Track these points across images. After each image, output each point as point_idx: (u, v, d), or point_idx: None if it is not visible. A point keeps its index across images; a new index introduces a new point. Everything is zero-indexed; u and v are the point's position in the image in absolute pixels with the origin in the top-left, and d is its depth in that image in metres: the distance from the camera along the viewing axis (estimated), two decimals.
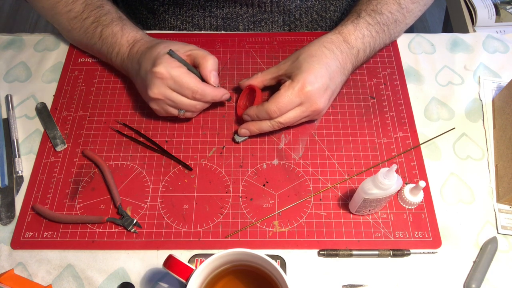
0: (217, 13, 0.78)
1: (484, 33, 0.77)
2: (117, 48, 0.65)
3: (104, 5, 0.68)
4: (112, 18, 0.67)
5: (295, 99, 0.59)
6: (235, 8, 0.77)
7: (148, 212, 0.59)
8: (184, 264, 0.46)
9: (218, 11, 0.78)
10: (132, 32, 0.66)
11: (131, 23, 0.68)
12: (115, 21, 0.66)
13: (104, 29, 0.66)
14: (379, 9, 0.66)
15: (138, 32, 0.66)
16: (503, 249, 0.57)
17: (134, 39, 0.65)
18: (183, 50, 0.61)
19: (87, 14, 0.67)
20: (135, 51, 0.64)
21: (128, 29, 0.66)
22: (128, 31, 0.66)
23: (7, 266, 0.56)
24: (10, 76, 0.72)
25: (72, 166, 0.63)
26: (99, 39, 0.67)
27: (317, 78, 0.59)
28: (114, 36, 0.65)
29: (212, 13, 0.78)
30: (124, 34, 0.65)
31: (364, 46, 0.64)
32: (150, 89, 0.59)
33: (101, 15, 0.67)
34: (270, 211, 0.59)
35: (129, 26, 0.67)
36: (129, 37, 0.65)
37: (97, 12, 0.67)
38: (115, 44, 0.65)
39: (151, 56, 0.60)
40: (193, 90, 0.59)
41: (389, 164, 0.63)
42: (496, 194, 0.60)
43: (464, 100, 0.69)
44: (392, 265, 0.55)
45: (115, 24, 0.66)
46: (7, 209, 0.60)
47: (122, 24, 0.66)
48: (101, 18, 0.66)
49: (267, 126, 0.61)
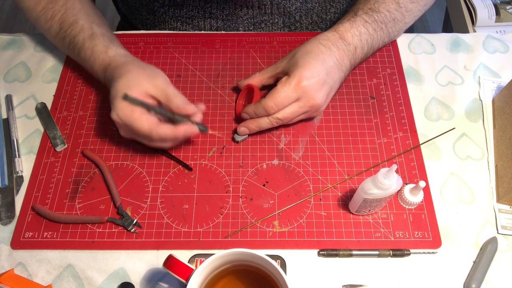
0: (217, 15, 0.78)
1: (484, 33, 0.77)
2: (95, 73, 0.64)
3: (78, 21, 0.64)
4: (83, 39, 0.63)
5: (291, 94, 0.59)
6: (235, 9, 0.77)
7: (148, 212, 0.59)
8: (184, 264, 0.46)
9: (218, 13, 0.78)
10: (102, 54, 0.62)
11: (102, 39, 0.63)
12: (86, 42, 0.63)
13: (80, 52, 0.64)
14: (376, 7, 0.66)
15: (108, 51, 0.62)
16: (503, 249, 0.57)
17: (104, 65, 0.62)
18: (142, 89, 0.56)
19: (63, 34, 0.65)
20: (107, 78, 0.61)
21: (99, 51, 0.62)
22: (98, 54, 0.62)
23: (7, 266, 0.56)
24: (10, 76, 0.72)
25: (72, 166, 0.63)
26: (81, 61, 0.66)
27: (313, 73, 0.59)
28: (88, 60, 0.63)
29: (212, 15, 0.78)
30: (96, 60, 0.62)
31: (361, 43, 0.65)
32: (118, 130, 0.59)
33: (74, 35, 0.64)
34: (270, 211, 0.59)
35: (100, 46, 0.62)
36: (101, 62, 0.62)
37: (71, 31, 0.64)
38: (92, 68, 0.64)
39: (111, 96, 0.57)
40: (147, 135, 0.55)
41: (389, 164, 0.63)
42: (496, 194, 0.60)
43: (464, 100, 0.69)
44: (392, 265, 0.55)
45: (86, 47, 0.63)
46: (7, 209, 0.60)
47: (93, 46, 0.62)
48: (75, 39, 0.64)
49: (266, 123, 0.61)
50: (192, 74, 0.72)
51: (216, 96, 0.70)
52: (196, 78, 0.71)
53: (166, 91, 0.57)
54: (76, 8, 0.66)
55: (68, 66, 0.73)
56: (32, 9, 0.67)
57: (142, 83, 0.56)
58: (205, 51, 0.75)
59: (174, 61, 0.73)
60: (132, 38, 0.76)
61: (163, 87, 0.57)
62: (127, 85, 0.56)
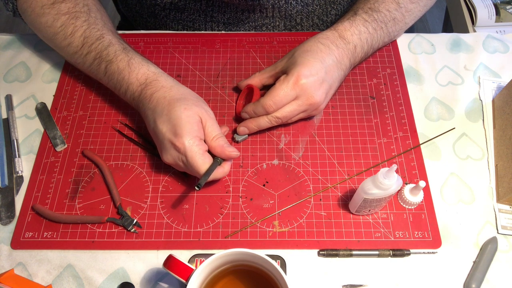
0: (219, 18, 0.78)
1: (484, 33, 0.77)
2: (125, 86, 0.60)
3: (104, 35, 0.62)
4: (115, 51, 0.61)
5: (290, 92, 0.59)
6: (237, 13, 0.77)
7: (148, 212, 0.59)
8: (184, 264, 0.46)
9: (219, 16, 0.78)
10: (142, 68, 0.60)
11: (137, 55, 0.62)
12: (119, 55, 0.60)
13: (108, 66, 0.61)
14: (376, 7, 0.66)
15: (149, 68, 0.60)
16: (503, 249, 0.57)
17: (145, 78, 0.59)
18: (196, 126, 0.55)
19: (88, 49, 0.62)
20: (148, 95, 0.58)
21: (137, 64, 0.60)
22: (137, 67, 0.60)
23: (7, 266, 0.56)
24: (10, 76, 0.72)
25: (72, 166, 0.63)
26: (104, 75, 0.62)
27: (311, 72, 0.59)
28: (121, 73, 0.60)
29: (214, 18, 0.78)
30: (133, 71, 0.59)
31: (361, 42, 0.65)
32: (165, 155, 0.56)
33: (102, 49, 0.61)
34: (270, 211, 0.59)
35: (137, 60, 0.60)
36: (139, 75, 0.59)
37: (98, 45, 0.61)
38: (122, 81, 0.60)
39: (170, 119, 0.55)
40: (198, 173, 0.55)
41: (389, 164, 0.63)
42: (496, 194, 0.60)
43: (464, 100, 0.69)
44: (392, 265, 0.55)
45: (119, 59, 0.60)
46: (7, 209, 0.60)
47: (128, 59, 0.60)
48: (102, 53, 0.61)
49: (265, 122, 0.61)
50: (192, 74, 0.72)
51: (216, 96, 0.70)
52: (196, 78, 0.71)
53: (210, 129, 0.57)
54: (99, 24, 0.63)
55: (68, 66, 0.73)
56: (50, 25, 0.63)
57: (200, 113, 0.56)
58: (205, 51, 0.75)
59: (174, 61, 0.73)
60: (132, 38, 0.76)
61: (208, 126, 0.57)
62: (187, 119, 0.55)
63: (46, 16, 0.63)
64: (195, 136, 0.54)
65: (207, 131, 0.57)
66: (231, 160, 0.59)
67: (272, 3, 0.74)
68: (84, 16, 0.63)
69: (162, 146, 0.56)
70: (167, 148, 0.56)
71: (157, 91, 0.58)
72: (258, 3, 0.74)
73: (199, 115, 0.56)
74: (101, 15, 0.66)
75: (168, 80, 0.60)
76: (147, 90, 0.58)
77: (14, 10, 0.67)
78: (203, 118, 0.56)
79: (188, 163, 0.54)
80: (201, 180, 0.52)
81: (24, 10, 0.65)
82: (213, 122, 0.57)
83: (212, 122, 0.57)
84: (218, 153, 0.56)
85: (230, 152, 0.56)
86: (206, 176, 0.53)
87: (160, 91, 0.58)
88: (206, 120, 0.57)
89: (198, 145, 0.54)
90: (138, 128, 0.66)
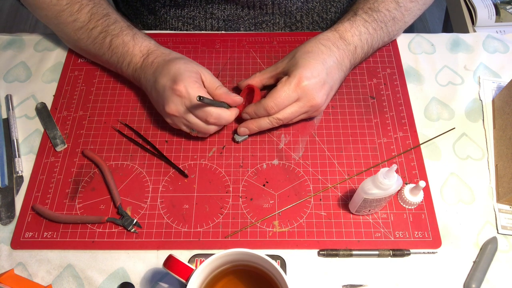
0: (219, 15, 0.78)
1: (484, 33, 0.77)
2: (129, 58, 0.64)
3: (110, 14, 0.66)
4: (121, 27, 0.65)
5: (292, 94, 0.59)
6: (237, 10, 0.77)
7: (148, 212, 0.59)
8: (184, 264, 0.46)
9: (219, 13, 0.78)
10: (145, 41, 0.64)
11: (141, 32, 0.66)
12: (124, 30, 0.64)
13: (113, 39, 0.64)
14: (376, 7, 0.66)
15: (151, 42, 0.65)
16: (503, 249, 0.57)
17: (148, 49, 0.63)
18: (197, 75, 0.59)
19: (94, 24, 0.64)
20: (149, 62, 0.62)
21: (140, 39, 0.64)
22: (140, 40, 0.64)
23: (7, 266, 0.56)
24: (10, 76, 0.72)
25: (72, 166, 0.63)
26: (108, 49, 0.65)
27: (313, 73, 0.59)
28: (125, 45, 0.63)
29: (214, 15, 0.78)
30: (137, 44, 0.63)
31: (361, 43, 0.65)
32: (167, 105, 0.58)
33: (108, 24, 0.64)
34: (270, 211, 0.59)
35: (140, 35, 0.65)
36: (142, 47, 0.63)
37: (104, 21, 0.64)
38: (126, 54, 0.64)
39: (170, 72, 0.58)
40: (207, 113, 0.57)
41: (389, 164, 0.63)
42: (496, 194, 0.60)
43: (464, 100, 0.69)
44: (392, 265, 0.55)
45: (125, 34, 0.64)
46: (7, 209, 0.60)
47: (133, 33, 0.64)
48: (109, 28, 0.64)
49: (266, 123, 0.62)
50: None
51: None
52: None
53: (210, 82, 0.60)
54: (104, 4, 0.67)
55: (68, 66, 0.73)
56: (55, 3, 0.64)
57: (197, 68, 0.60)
58: (205, 51, 0.75)
59: None
60: None
61: (207, 79, 0.60)
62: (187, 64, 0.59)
63: None
64: (195, 81, 0.57)
65: (208, 83, 0.60)
66: (237, 109, 0.62)
67: (272, 0, 0.74)
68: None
69: (164, 98, 0.58)
70: (168, 97, 0.58)
71: (158, 57, 0.62)
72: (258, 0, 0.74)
73: (197, 70, 0.60)
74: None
75: (167, 50, 0.64)
76: (149, 59, 0.63)
77: None
78: (202, 73, 0.60)
79: (192, 103, 0.56)
80: (205, 98, 0.53)
81: None
82: (212, 76, 0.61)
83: (211, 76, 0.61)
84: (224, 98, 0.60)
85: (234, 96, 0.60)
86: (213, 101, 0.56)
87: (160, 57, 0.62)
88: (205, 75, 0.60)
89: (199, 87, 0.57)
90: (138, 128, 0.66)
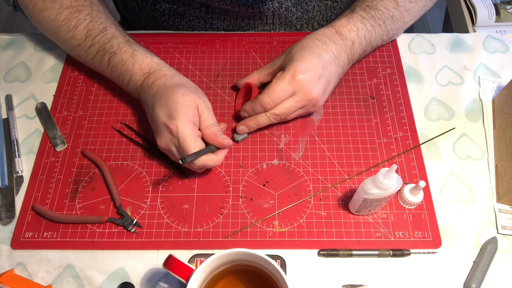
0: (218, 25, 0.78)
1: (484, 33, 0.77)
2: (128, 76, 0.62)
3: (107, 28, 0.63)
4: (118, 43, 0.62)
5: (287, 88, 0.59)
6: (236, 20, 0.77)
7: (148, 212, 0.59)
8: (184, 264, 0.46)
9: (219, 23, 0.78)
10: (146, 59, 0.61)
11: (141, 48, 0.63)
12: (123, 47, 0.62)
13: (112, 57, 0.62)
14: (374, 5, 0.66)
15: (153, 59, 0.62)
16: (503, 249, 0.57)
17: (149, 68, 0.61)
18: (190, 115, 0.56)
19: (91, 42, 0.63)
20: (150, 83, 0.60)
21: (140, 56, 0.61)
22: (141, 58, 0.61)
23: (7, 266, 0.56)
24: (10, 76, 0.72)
25: (72, 166, 0.63)
26: (107, 67, 0.63)
27: (308, 67, 0.59)
28: (124, 64, 0.61)
29: (213, 25, 0.78)
30: (136, 62, 0.61)
31: (359, 38, 0.65)
32: (158, 138, 0.57)
33: (105, 41, 0.62)
34: (270, 211, 0.59)
35: (140, 52, 0.62)
36: (143, 65, 0.61)
37: (101, 38, 0.62)
38: (125, 72, 0.62)
39: (167, 104, 0.56)
40: (192, 161, 0.55)
41: (389, 164, 0.63)
42: (496, 194, 0.60)
43: (464, 100, 0.69)
44: (392, 265, 0.55)
45: (123, 51, 0.62)
46: (7, 209, 0.60)
47: (132, 50, 0.62)
48: (106, 45, 0.62)
49: (264, 119, 0.61)
50: (192, 74, 0.72)
51: (216, 96, 0.70)
52: (196, 78, 0.71)
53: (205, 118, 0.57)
54: (102, 18, 0.64)
55: (68, 66, 0.73)
56: (53, 19, 0.63)
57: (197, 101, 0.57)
58: (205, 51, 0.75)
59: (174, 61, 0.73)
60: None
61: (203, 114, 0.57)
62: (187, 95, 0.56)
63: (48, 11, 0.64)
64: (189, 120, 0.55)
65: (202, 119, 0.57)
66: (226, 149, 0.59)
67: (272, 10, 0.74)
68: (87, 10, 0.64)
69: (157, 130, 0.57)
70: (161, 131, 0.56)
71: (159, 79, 0.60)
72: (258, 10, 0.73)
73: (196, 102, 0.57)
74: (103, 9, 0.66)
75: (171, 70, 0.62)
76: (150, 79, 0.60)
77: (15, 5, 0.68)
78: (199, 106, 0.57)
79: (180, 146, 0.55)
80: (187, 156, 0.52)
81: (25, 4, 0.65)
82: (209, 112, 0.58)
83: (208, 111, 0.58)
84: (211, 140, 0.57)
85: (222, 139, 0.57)
86: (194, 155, 0.53)
87: (161, 78, 0.60)
88: (202, 108, 0.57)
89: (192, 129, 0.55)
90: (138, 128, 0.66)
